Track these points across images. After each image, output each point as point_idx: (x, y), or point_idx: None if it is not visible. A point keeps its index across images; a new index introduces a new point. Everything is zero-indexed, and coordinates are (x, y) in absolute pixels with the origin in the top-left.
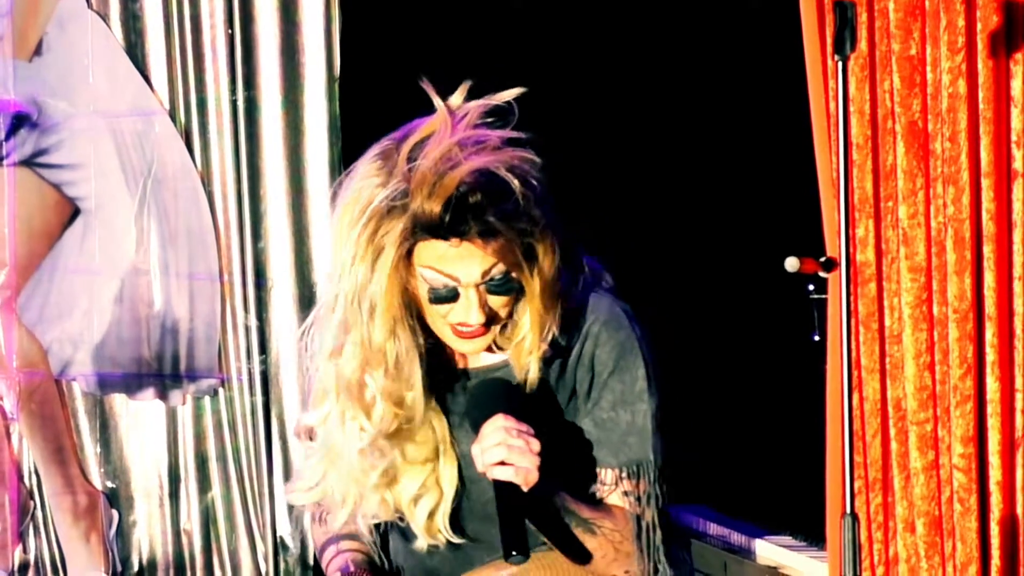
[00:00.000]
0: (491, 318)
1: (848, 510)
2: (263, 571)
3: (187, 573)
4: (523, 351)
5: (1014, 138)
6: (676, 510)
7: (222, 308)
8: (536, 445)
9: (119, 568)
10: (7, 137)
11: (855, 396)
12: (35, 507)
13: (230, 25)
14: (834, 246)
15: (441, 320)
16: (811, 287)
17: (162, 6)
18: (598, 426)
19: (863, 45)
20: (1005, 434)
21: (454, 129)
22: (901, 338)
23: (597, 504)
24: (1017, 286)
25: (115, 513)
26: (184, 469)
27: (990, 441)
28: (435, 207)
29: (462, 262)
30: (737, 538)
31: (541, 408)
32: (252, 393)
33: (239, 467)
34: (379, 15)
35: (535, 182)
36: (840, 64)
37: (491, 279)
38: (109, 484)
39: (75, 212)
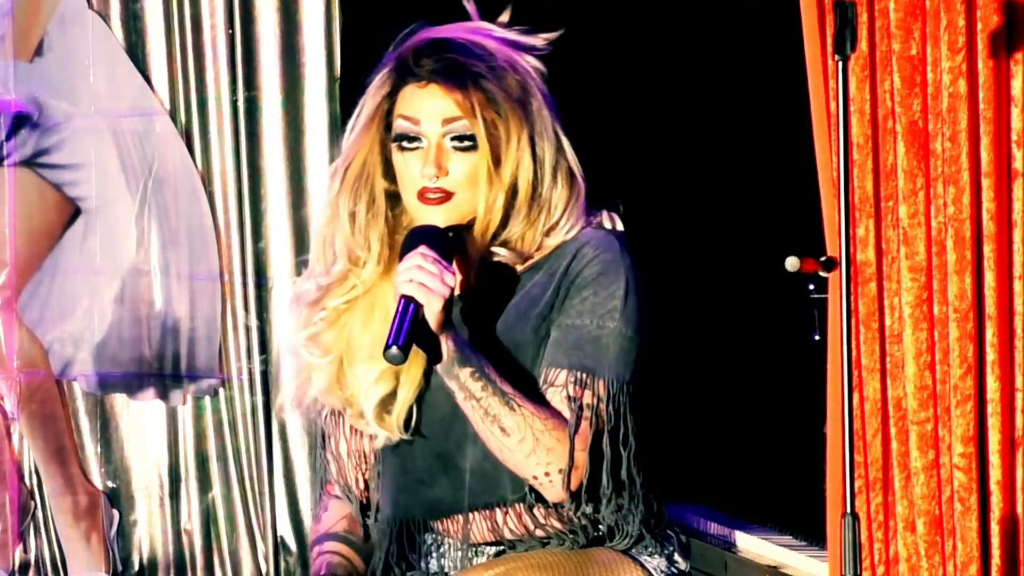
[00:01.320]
0: (450, 188)
1: (848, 509)
2: (263, 571)
3: (187, 573)
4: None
5: (1014, 138)
6: (677, 509)
7: (223, 308)
8: (450, 279)
9: (119, 568)
10: (8, 137)
11: (855, 396)
12: (35, 507)
13: (231, 25)
14: (834, 246)
15: (412, 191)
16: (811, 287)
17: (163, 6)
18: (561, 330)
19: (863, 45)
20: (1005, 433)
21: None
22: (901, 337)
23: (533, 395)
24: (1017, 285)
25: (116, 513)
26: (185, 469)
27: (990, 440)
28: (409, 58)
29: (424, 103)
30: (737, 537)
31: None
32: (252, 393)
33: (239, 467)
34: (379, 15)
35: (531, 79)
36: (840, 64)
37: (451, 133)
38: (110, 484)
39: (76, 212)
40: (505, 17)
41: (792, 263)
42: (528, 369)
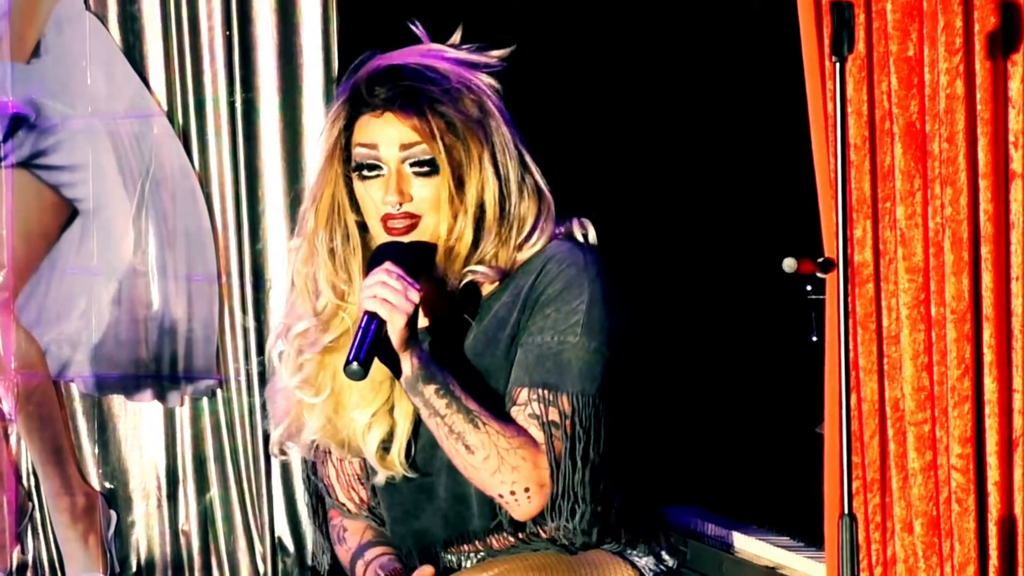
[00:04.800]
0: (415, 212)
1: (846, 511)
2: (261, 572)
3: (185, 574)
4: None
5: (1011, 139)
6: (674, 510)
7: (220, 309)
8: (414, 296)
9: (117, 569)
10: (5, 139)
11: (853, 397)
12: (33, 508)
13: (228, 26)
14: (832, 247)
15: (376, 219)
16: (809, 288)
17: (160, 8)
18: (523, 348)
19: (861, 46)
20: (1003, 434)
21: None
22: (899, 339)
23: (500, 415)
24: (1015, 286)
25: (113, 514)
26: (182, 470)
27: (988, 441)
28: (362, 88)
29: (382, 130)
30: (734, 538)
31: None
32: (250, 394)
33: (237, 468)
34: (377, 16)
35: (487, 98)
36: (838, 65)
37: (412, 157)
38: (107, 485)
39: (73, 213)
40: (456, 38)
41: (789, 264)
42: (500, 393)
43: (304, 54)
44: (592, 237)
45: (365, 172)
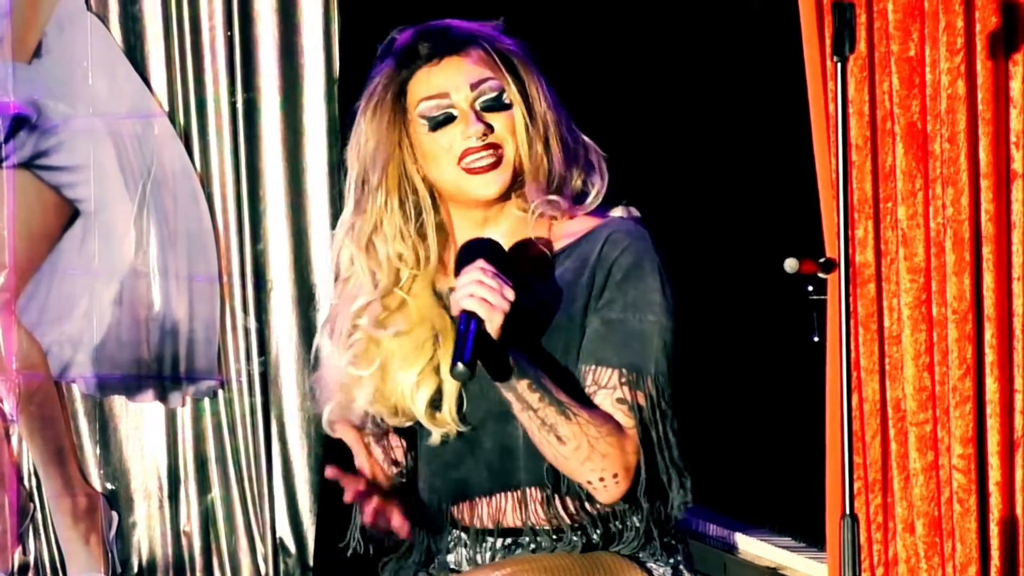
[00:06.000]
0: (497, 142)
1: (847, 511)
2: (263, 572)
3: (187, 575)
4: (524, 168)
5: (1013, 139)
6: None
7: (221, 310)
8: (510, 294)
9: (119, 570)
10: (6, 139)
11: (854, 397)
12: (35, 509)
13: (229, 27)
14: (833, 247)
15: (451, 165)
16: (810, 288)
17: (161, 8)
18: (605, 324)
19: (862, 46)
20: (1004, 435)
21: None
22: (900, 339)
23: (583, 400)
24: (1016, 287)
25: (115, 515)
26: (184, 471)
27: (989, 442)
28: (412, 47)
29: (447, 76)
30: (737, 539)
31: (548, 292)
32: (252, 395)
33: (239, 469)
34: (378, 16)
35: (520, 60)
36: (839, 65)
37: (483, 95)
38: (109, 486)
39: (74, 214)
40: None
41: (791, 264)
42: (560, 353)
43: (305, 54)
44: (636, 214)
45: (439, 124)
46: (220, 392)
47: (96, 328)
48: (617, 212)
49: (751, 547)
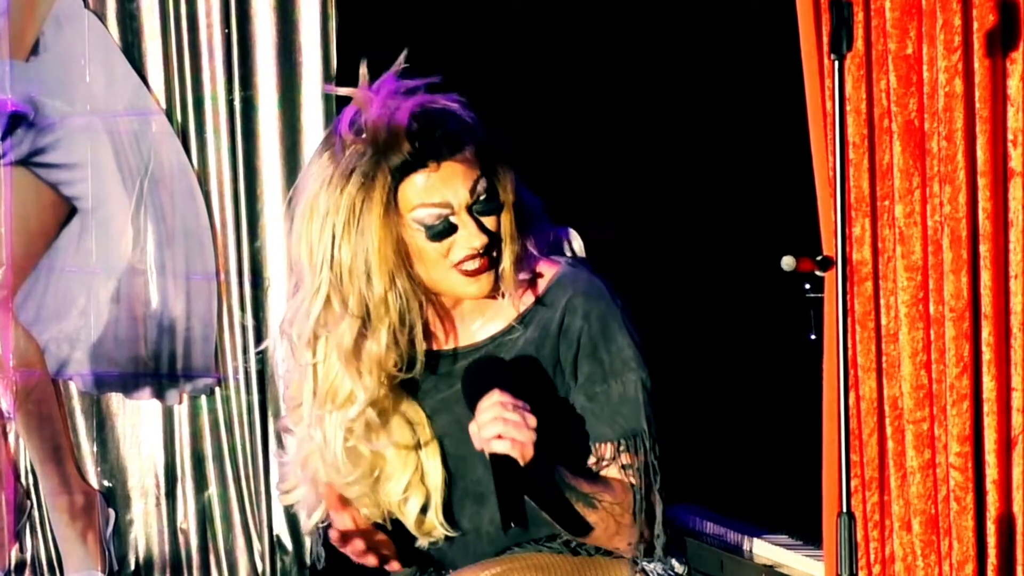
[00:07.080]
0: (490, 244)
1: (844, 509)
2: (259, 570)
3: (184, 572)
4: (504, 271)
5: (1010, 137)
6: (673, 509)
7: (219, 307)
8: (532, 420)
9: (115, 567)
10: (4, 137)
11: (851, 395)
12: (32, 506)
13: (227, 24)
14: (830, 245)
15: (444, 266)
16: (807, 286)
17: (159, 6)
18: (591, 400)
19: (859, 44)
20: (1001, 433)
21: (380, 89)
22: (897, 337)
23: (595, 478)
24: (1013, 285)
25: (112, 512)
26: (181, 468)
27: (986, 440)
28: (398, 145)
29: (447, 185)
30: (733, 537)
31: (532, 383)
32: (248, 392)
33: (235, 466)
34: (376, 14)
35: (468, 117)
36: (836, 63)
37: (479, 198)
38: (106, 483)
39: (72, 211)
40: (363, 70)
41: (788, 262)
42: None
43: (303, 52)
44: (579, 248)
45: (440, 234)
46: (217, 389)
47: (93, 325)
48: (553, 238)
49: (748, 545)
